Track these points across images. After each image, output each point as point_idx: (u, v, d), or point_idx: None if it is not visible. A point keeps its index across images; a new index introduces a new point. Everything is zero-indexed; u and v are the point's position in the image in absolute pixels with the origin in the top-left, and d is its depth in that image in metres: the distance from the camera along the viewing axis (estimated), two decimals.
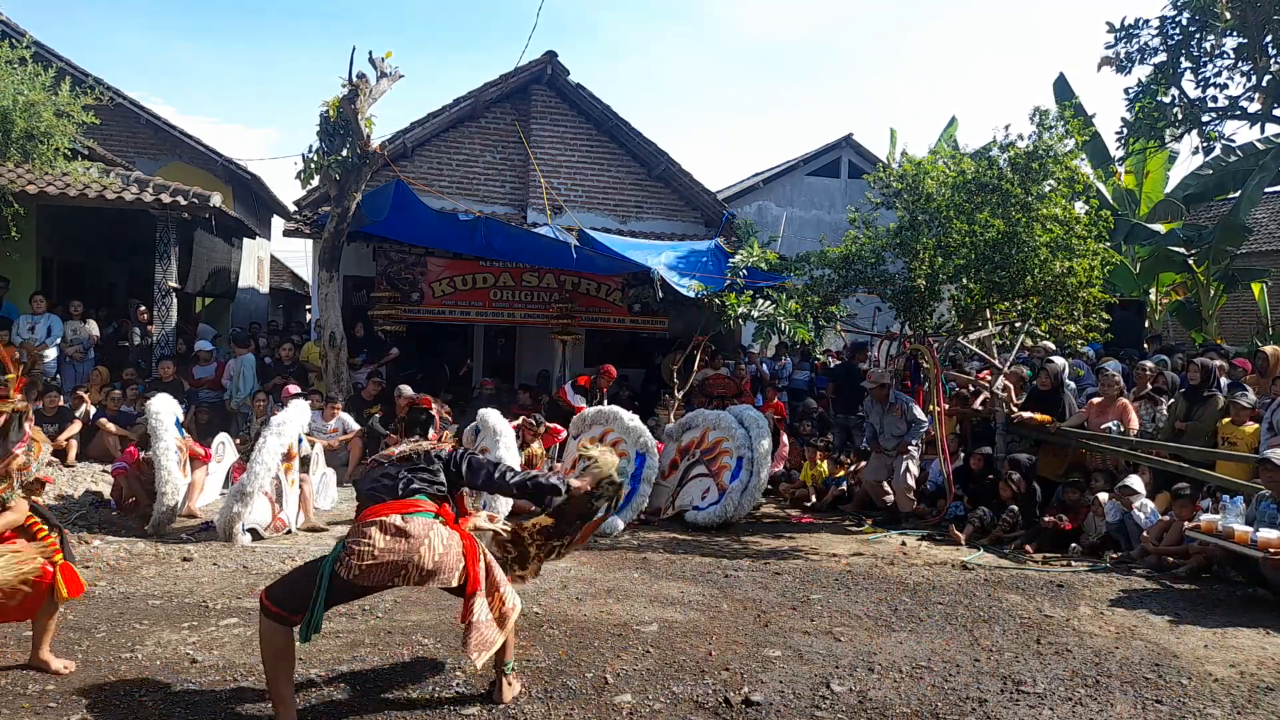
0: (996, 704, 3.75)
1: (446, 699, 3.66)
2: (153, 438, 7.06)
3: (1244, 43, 10.43)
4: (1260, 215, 17.72)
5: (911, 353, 8.91)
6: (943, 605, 5.25)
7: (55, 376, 9.88)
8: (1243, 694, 3.97)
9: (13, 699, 3.55)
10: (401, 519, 3.38)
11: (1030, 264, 7.70)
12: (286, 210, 16.52)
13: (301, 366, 11.06)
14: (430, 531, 3.39)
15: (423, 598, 5.12)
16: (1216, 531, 5.72)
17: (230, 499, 6.63)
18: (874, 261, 8.53)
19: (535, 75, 13.18)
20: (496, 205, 13.35)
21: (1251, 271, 14.02)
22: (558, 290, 12.97)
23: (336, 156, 10.10)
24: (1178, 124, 11.37)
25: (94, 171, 11.11)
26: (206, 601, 4.91)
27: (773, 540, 7.20)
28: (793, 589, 5.55)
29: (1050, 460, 8.13)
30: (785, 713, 3.62)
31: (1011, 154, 8.12)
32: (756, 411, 8.49)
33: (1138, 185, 15.04)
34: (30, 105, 10.42)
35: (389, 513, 3.40)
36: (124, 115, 15.03)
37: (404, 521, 3.37)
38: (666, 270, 10.74)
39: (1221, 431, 7.08)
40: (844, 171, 15.91)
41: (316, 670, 3.91)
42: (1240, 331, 16.40)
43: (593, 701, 3.65)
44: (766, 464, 7.90)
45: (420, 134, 13.04)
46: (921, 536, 7.56)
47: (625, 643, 4.37)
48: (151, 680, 3.76)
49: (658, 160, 13.82)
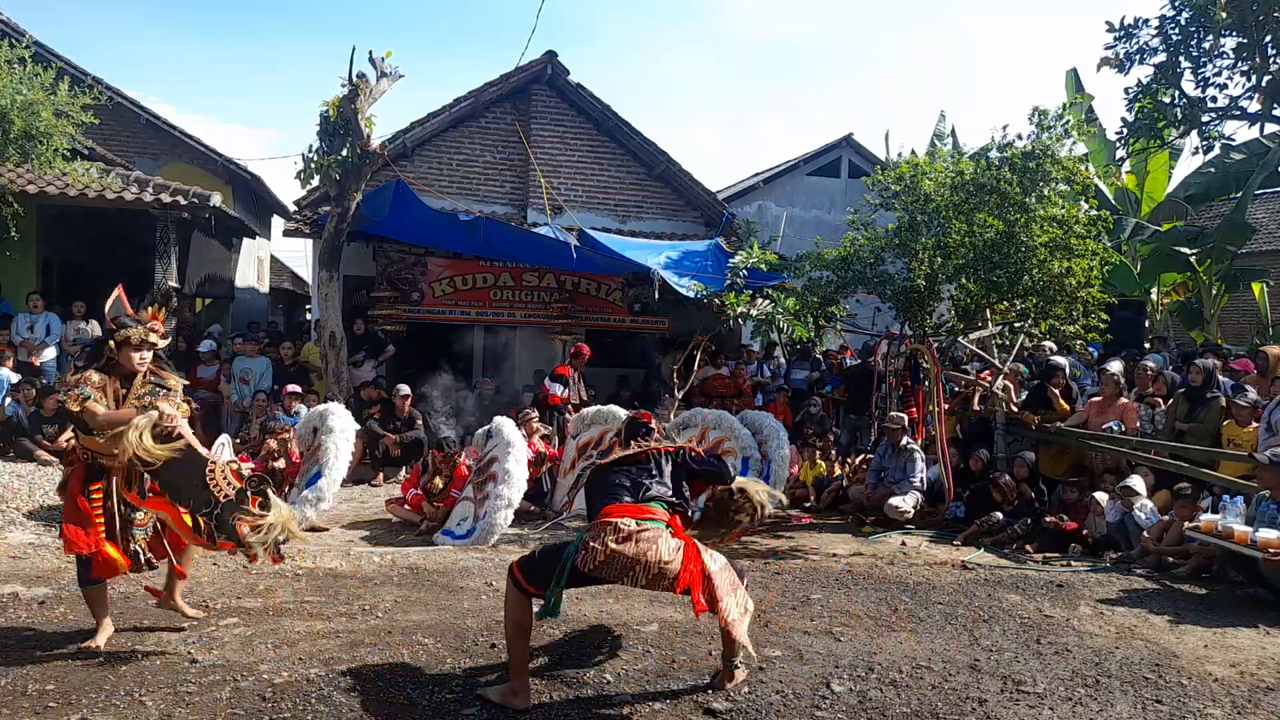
0: (996, 704, 3.75)
1: (446, 699, 3.66)
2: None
3: (1244, 43, 10.42)
4: (1260, 215, 17.72)
5: (911, 353, 8.90)
6: (943, 605, 5.25)
7: (57, 377, 9.87)
8: (1243, 694, 3.97)
9: (13, 699, 3.54)
10: (636, 524, 3.65)
11: (1029, 264, 7.70)
12: (286, 210, 16.51)
13: (302, 367, 11.05)
14: (659, 539, 3.61)
15: (423, 598, 5.13)
16: (1216, 531, 5.73)
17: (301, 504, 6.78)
18: (873, 262, 8.52)
19: (535, 75, 13.18)
20: (496, 205, 13.34)
21: (1252, 271, 14.02)
22: (558, 290, 12.97)
23: (336, 156, 10.09)
24: (1178, 124, 11.37)
25: (94, 171, 11.10)
26: (206, 601, 4.91)
27: (772, 540, 7.20)
28: (793, 589, 5.55)
29: (1050, 460, 8.14)
30: (785, 713, 3.62)
31: (1010, 154, 8.12)
32: (775, 420, 8.44)
33: (1139, 185, 15.05)
34: (29, 105, 10.41)
35: (625, 515, 3.68)
36: (123, 115, 15.03)
37: (638, 527, 3.64)
38: (666, 270, 10.74)
39: (1225, 433, 7.08)
40: (844, 171, 15.90)
41: (317, 670, 3.90)
42: (1241, 332, 16.40)
43: (593, 701, 3.64)
44: (785, 471, 7.89)
45: (420, 134, 13.03)
46: (930, 537, 7.55)
47: (625, 643, 4.37)
48: (151, 680, 3.76)
49: (658, 160, 13.81)
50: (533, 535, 7.08)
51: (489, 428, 7.72)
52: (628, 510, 3.70)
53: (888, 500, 7.72)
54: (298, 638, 4.34)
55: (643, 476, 3.86)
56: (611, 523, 3.63)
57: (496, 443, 7.31)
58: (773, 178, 15.91)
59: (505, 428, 7.40)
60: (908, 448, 8.13)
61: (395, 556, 6.17)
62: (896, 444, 8.18)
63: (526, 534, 7.11)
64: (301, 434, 7.88)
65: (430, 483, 7.57)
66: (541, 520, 7.66)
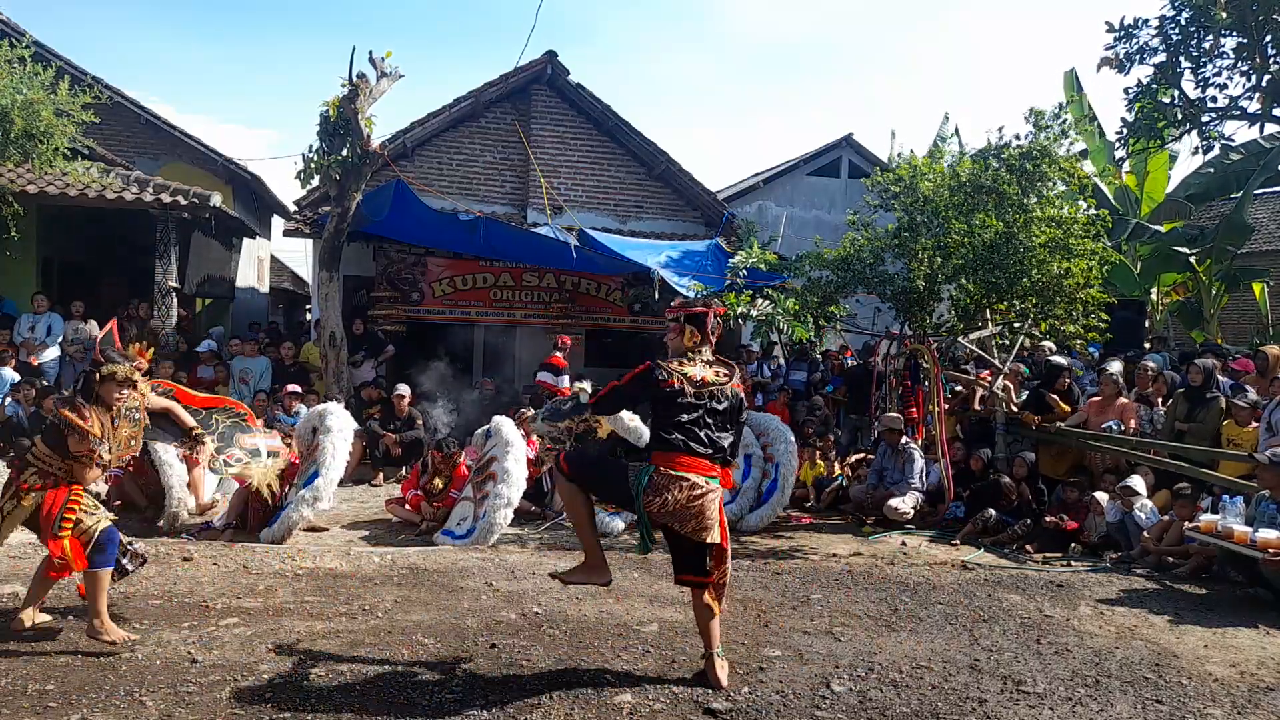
0: (996, 704, 3.75)
1: (446, 699, 3.66)
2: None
3: (1244, 42, 10.42)
4: (1261, 215, 17.72)
5: (911, 353, 8.90)
6: (943, 605, 5.25)
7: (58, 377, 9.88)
8: (1243, 694, 3.97)
9: (13, 699, 3.54)
10: (705, 482, 3.76)
11: (1027, 264, 7.70)
12: (286, 210, 16.50)
13: (302, 367, 11.05)
14: (717, 498, 3.81)
15: (423, 598, 5.12)
16: (1216, 531, 5.73)
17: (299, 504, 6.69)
18: (873, 262, 8.53)
19: (535, 75, 13.18)
20: (496, 205, 13.34)
21: (1252, 271, 14.02)
22: (558, 290, 12.97)
23: (336, 156, 10.08)
24: (1178, 124, 11.36)
25: (94, 171, 11.09)
26: (206, 601, 4.90)
27: (772, 540, 7.20)
28: (793, 589, 5.55)
29: (1051, 460, 8.14)
30: (785, 713, 3.62)
31: (1006, 155, 8.13)
32: (781, 423, 8.42)
33: (1139, 185, 15.05)
34: (30, 104, 10.42)
35: (696, 471, 3.75)
36: (123, 114, 15.01)
37: (706, 486, 3.76)
38: (666, 270, 10.74)
39: (1226, 433, 7.08)
40: (844, 171, 15.89)
41: (317, 670, 3.90)
42: (1241, 332, 16.41)
43: (593, 701, 3.65)
44: (792, 475, 7.90)
45: (420, 134, 13.03)
46: (930, 537, 7.55)
47: (625, 643, 4.37)
48: (151, 680, 3.76)
49: (658, 160, 13.81)
50: (533, 535, 7.08)
51: (488, 427, 7.72)
52: (698, 466, 3.76)
53: (887, 502, 7.73)
54: (298, 638, 4.34)
55: (714, 422, 3.84)
56: (687, 479, 3.71)
57: (496, 442, 7.29)
58: (773, 178, 15.90)
59: (504, 427, 7.39)
60: (905, 448, 8.13)
61: (395, 556, 6.17)
62: (894, 445, 8.19)
63: (526, 534, 7.11)
64: (301, 434, 7.88)
65: (430, 483, 7.57)
66: (541, 520, 7.66)
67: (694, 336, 3.91)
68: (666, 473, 3.72)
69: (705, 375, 3.83)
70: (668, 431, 3.77)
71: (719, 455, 3.83)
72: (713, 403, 3.81)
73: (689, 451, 3.74)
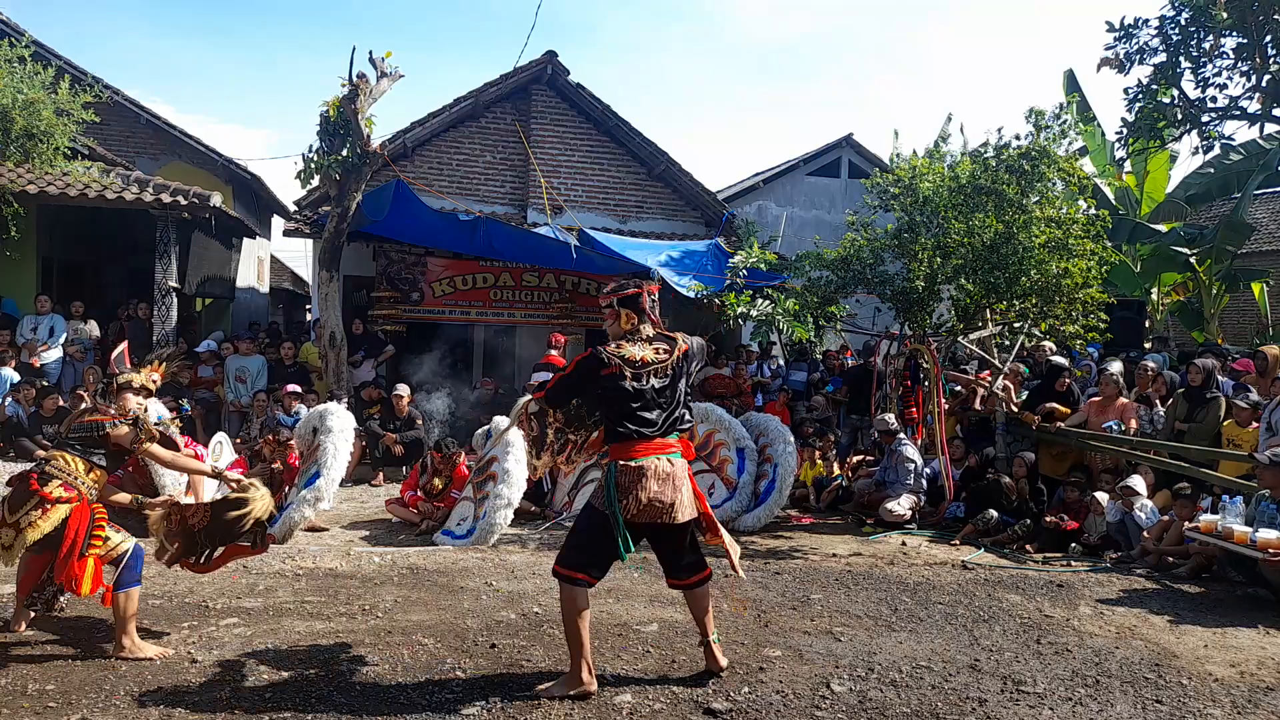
0: (996, 704, 3.75)
1: (446, 699, 3.66)
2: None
3: (1244, 43, 10.42)
4: (1260, 215, 17.73)
5: (911, 353, 8.90)
6: (943, 605, 5.25)
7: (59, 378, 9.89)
8: (1243, 694, 3.97)
9: (13, 699, 3.54)
10: (667, 460, 3.74)
11: (1026, 264, 7.70)
12: (286, 210, 16.50)
13: (302, 367, 11.05)
14: (683, 468, 3.80)
15: (423, 598, 5.13)
16: (1216, 531, 5.72)
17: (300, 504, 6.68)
18: (873, 262, 8.53)
19: (535, 75, 13.17)
20: (496, 205, 13.34)
21: (1252, 271, 14.03)
22: (558, 290, 12.96)
23: (336, 156, 10.08)
24: (1178, 124, 11.36)
25: (94, 171, 11.10)
26: (206, 601, 4.91)
27: (772, 540, 7.20)
28: (793, 589, 5.55)
29: (1051, 460, 8.13)
30: (785, 713, 3.62)
31: (1005, 156, 8.13)
32: (781, 424, 8.41)
33: (1139, 185, 15.05)
34: (30, 104, 10.42)
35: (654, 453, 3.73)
36: (123, 114, 15.03)
37: (670, 466, 3.74)
38: (666, 270, 10.74)
39: (1226, 433, 7.08)
40: (844, 171, 15.89)
41: (317, 670, 3.91)
42: (1241, 332, 16.42)
43: (593, 701, 3.65)
44: (791, 476, 7.89)
45: (420, 134, 13.03)
46: (930, 537, 7.55)
47: (625, 643, 4.37)
48: (151, 680, 3.76)
49: (658, 160, 13.81)
50: (533, 535, 7.08)
51: (489, 427, 7.71)
52: (653, 448, 3.74)
53: (883, 504, 7.75)
54: (298, 638, 4.34)
55: (661, 400, 3.80)
56: (649, 465, 3.70)
57: (495, 441, 7.29)
58: (773, 178, 15.90)
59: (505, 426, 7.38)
60: (899, 449, 8.14)
61: (395, 556, 6.17)
62: (887, 446, 8.20)
63: (526, 534, 7.11)
64: (301, 434, 7.88)
65: (430, 483, 7.57)
66: (541, 520, 7.66)
67: (630, 319, 3.91)
68: (627, 465, 3.72)
69: (645, 355, 3.83)
70: (619, 424, 3.78)
71: (673, 429, 3.84)
72: (654, 380, 3.80)
73: (642, 437, 3.75)
